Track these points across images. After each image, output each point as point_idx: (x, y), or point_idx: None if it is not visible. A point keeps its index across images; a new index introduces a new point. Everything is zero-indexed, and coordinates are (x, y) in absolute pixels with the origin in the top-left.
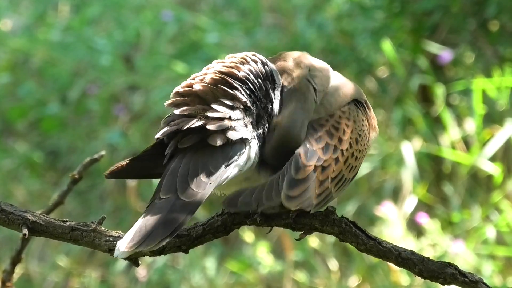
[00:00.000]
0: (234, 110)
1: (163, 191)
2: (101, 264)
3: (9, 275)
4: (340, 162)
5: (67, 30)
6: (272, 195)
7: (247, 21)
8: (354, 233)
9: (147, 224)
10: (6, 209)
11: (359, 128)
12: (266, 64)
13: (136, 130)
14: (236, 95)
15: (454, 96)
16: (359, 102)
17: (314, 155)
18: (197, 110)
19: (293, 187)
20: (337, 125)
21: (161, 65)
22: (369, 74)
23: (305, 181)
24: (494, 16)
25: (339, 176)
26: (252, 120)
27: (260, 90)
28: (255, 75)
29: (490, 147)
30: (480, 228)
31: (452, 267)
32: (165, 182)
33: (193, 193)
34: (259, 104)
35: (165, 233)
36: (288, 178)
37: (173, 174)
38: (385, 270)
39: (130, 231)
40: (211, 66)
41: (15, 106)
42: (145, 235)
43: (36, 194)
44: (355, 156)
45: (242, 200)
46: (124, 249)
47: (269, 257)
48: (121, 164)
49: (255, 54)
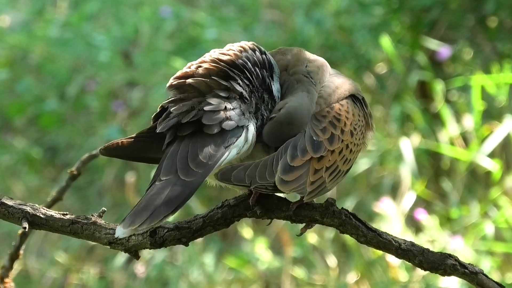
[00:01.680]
0: (230, 100)
1: (163, 173)
2: (99, 260)
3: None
4: (335, 153)
5: (66, 26)
6: (266, 174)
7: (245, 17)
8: (354, 224)
9: (149, 202)
10: (6, 202)
11: (354, 122)
12: (264, 53)
13: (135, 126)
14: (232, 85)
15: (452, 92)
16: (356, 98)
17: (321, 147)
18: (193, 104)
19: (288, 172)
20: (339, 116)
21: (159, 61)
22: (368, 70)
23: (300, 168)
24: (492, 12)
25: (333, 167)
26: (249, 108)
27: (257, 78)
28: (253, 63)
29: (489, 144)
30: (479, 224)
31: (452, 258)
32: (165, 165)
33: (194, 172)
34: (256, 93)
35: (168, 210)
36: (283, 163)
37: (173, 156)
38: (384, 266)
39: (132, 211)
40: (208, 54)
41: (14, 102)
42: (148, 213)
43: (35, 190)
44: (350, 149)
45: (235, 174)
46: (127, 228)
47: (268, 253)
48: (116, 141)
49: (254, 43)
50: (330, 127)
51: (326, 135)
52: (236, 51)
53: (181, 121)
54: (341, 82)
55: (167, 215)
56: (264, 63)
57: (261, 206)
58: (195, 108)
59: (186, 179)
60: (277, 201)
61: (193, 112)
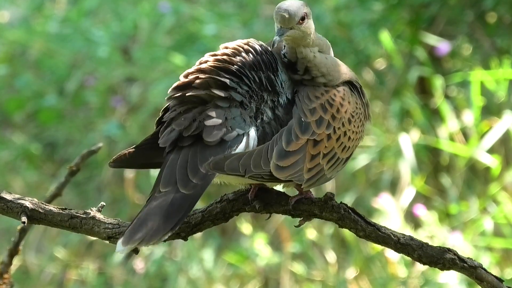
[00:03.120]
0: (230, 109)
1: (162, 183)
2: (98, 256)
3: (6, 266)
4: (332, 139)
5: (65, 22)
6: (260, 163)
7: (244, 12)
8: (353, 219)
9: (148, 218)
10: (5, 197)
11: (352, 109)
12: (261, 53)
13: (134, 121)
14: (232, 96)
15: (451, 88)
16: (354, 86)
17: (309, 128)
18: (194, 116)
19: (283, 158)
20: (332, 101)
21: (158, 57)
22: (367, 66)
23: (296, 153)
24: (491, 8)
25: (331, 153)
26: (249, 113)
27: (255, 82)
28: (249, 67)
29: (488, 139)
30: (478, 220)
31: (451, 252)
32: (164, 175)
33: (193, 185)
34: (256, 96)
35: (167, 228)
36: (278, 149)
37: (172, 165)
38: (383, 262)
39: (131, 226)
40: (203, 61)
41: (13, 97)
42: (147, 231)
43: (34, 186)
44: (348, 136)
45: (228, 164)
46: (127, 245)
47: (267, 249)
48: (124, 153)
49: (249, 42)
50: (319, 110)
51: (315, 116)
52: (232, 54)
53: (183, 134)
54: (341, 64)
55: (166, 233)
56: (260, 64)
57: (260, 200)
58: (196, 119)
59: (186, 192)
60: (276, 195)
61: (194, 124)
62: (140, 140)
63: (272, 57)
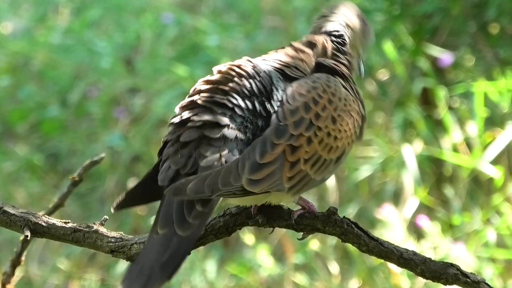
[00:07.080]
0: (225, 145)
1: (160, 224)
2: (101, 267)
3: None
4: (313, 143)
5: (68, 33)
6: (230, 180)
7: (247, 23)
8: (356, 233)
9: (145, 266)
10: (8, 210)
11: (340, 107)
12: (254, 76)
13: (137, 132)
14: (225, 135)
15: (454, 99)
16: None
17: (286, 131)
18: (190, 152)
19: (256, 171)
20: (319, 98)
21: (161, 68)
22: (370, 77)
23: (271, 164)
24: (494, 19)
25: (314, 157)
26: (246, 142)
27: (248, 110)
28: (243, 95)
29: (492, 150)
30: (481, 231)
31: (454, 267)
32: (162, 213)
33: (190, 225)
34: (250, 124)
35: (164, 277)
36: (250, 162)
37: (169, 204)
38: (386, 273)
39: (129, 273)
40: (197, 90)
41: (16, 108)
42: (145, 280)
43: (37, 197)
44: (334, 136)
45: (191, 187)
46: None
47: (270, 260)
48: (123, 195)
49: (241, 65)
50: (301, 109)
51: (294, 118)
52: (224, 81)
53: (179, 171)
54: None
55: (163, 281)
56: (252, 89)
57: (263, 214)
58: (192, 156)
59: (183, 235)
60: (279, 209)
61: (190, 162)
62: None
63: (266, 78)
